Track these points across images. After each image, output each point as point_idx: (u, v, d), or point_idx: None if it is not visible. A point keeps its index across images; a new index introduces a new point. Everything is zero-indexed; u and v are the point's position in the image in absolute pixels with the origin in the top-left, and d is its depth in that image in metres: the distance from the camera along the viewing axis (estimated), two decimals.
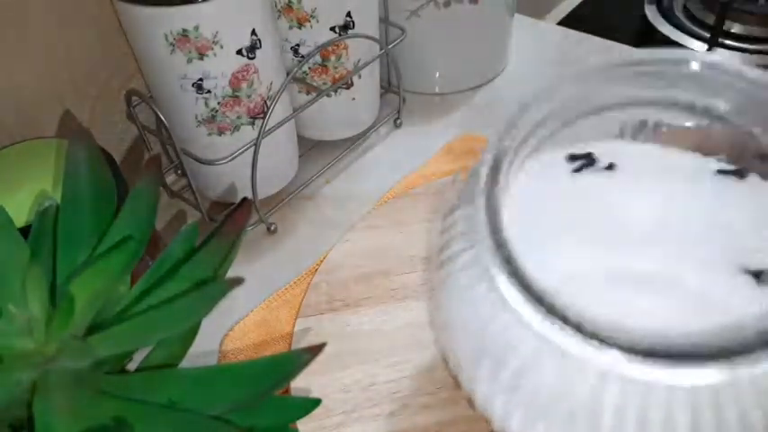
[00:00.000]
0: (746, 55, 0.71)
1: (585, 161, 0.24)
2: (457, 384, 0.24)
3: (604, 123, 0.23)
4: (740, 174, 0.21)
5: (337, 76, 0.45)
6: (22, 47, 0.35)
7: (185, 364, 0.26)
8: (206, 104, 0.38)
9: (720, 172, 0.22)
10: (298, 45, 0.43)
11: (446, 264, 0.22)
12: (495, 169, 0.20)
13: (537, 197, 0.23)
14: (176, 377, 0.24)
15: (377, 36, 0.46)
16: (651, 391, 0.18)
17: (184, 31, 0.34)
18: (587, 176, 0.24)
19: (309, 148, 0.50)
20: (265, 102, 0.40)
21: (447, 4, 0.48)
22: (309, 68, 0.45)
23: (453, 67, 0.53)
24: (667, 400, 0.18)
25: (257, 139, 0.39)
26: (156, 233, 0.38)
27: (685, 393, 0.18)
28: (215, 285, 0.22)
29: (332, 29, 0.42)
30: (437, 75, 0.53)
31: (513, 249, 0.19)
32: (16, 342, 0.23)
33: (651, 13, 0.78)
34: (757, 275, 0.19)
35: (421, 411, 0.31)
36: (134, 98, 0.40)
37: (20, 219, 0.29)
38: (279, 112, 0.41)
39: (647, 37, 0.77)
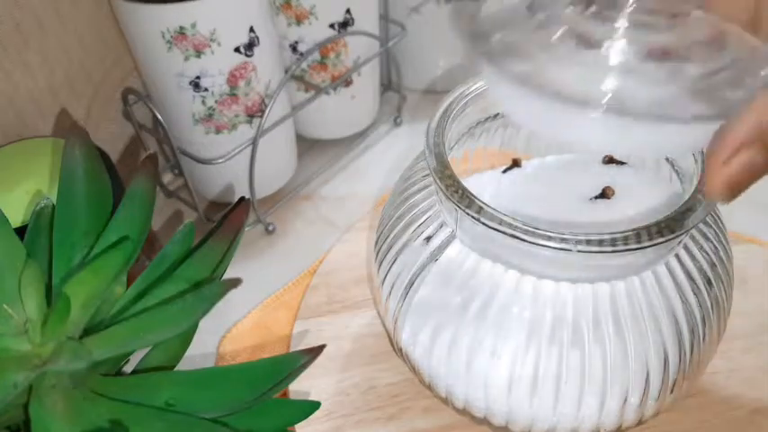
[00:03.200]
0: None
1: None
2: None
3: None
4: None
5: (336, 73, 0.45)
6: (19, 45, 0.35)
7: (182, 366, 0.26)
8: (203, 103, 0.38)
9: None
10: (296, 42, 0.43)
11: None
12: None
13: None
14: (173, 379, 0.24)
15: (377, 33, 0.45)
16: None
17: (181, 28, 0.34)
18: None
19: (308, 147, 0.49)
20: (263, 100, 0.40)
21: (448, 1, 0.48)
22: (308, 66, 0.44)
23: (454, 64, 0.53)
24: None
25: (255, 137, 0.39)
26: (153, 233, 0.38)
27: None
28: (212, 286, 0.22)
29: (331, 26, 0.42)
30: (438, 72, 0.53)
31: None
32: (12, 343, 0.23)
33: None
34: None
35: (421, 415, 0.31)
36: (131, 96, 0.40)
37: (16, 218, 0.29)
38: (277, 110, 0.41)
39: None
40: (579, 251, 0.21)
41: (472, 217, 0.23)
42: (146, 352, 0.26)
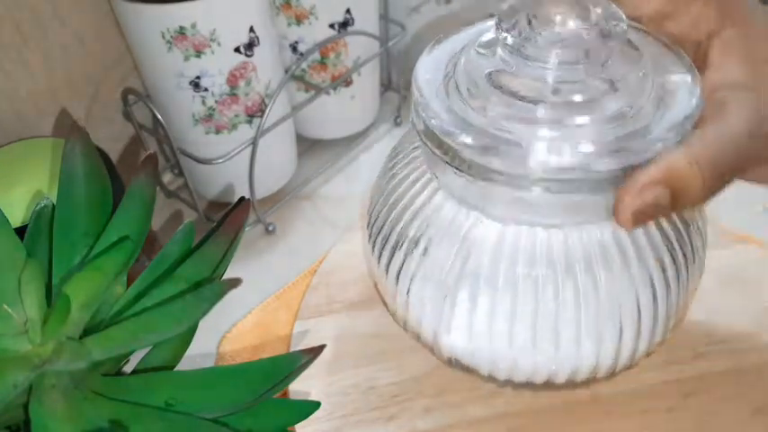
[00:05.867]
0: None
1: None
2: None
3: None
4: None
5: (336, 73, 0.45)
6: (19, 45, 0.35)
7: (183, 366, 0.26)
8: (203, 103, 0.38)
9: None
10: (296, 42, 0.43)
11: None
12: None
13: None
14: (173, 379, 0.24)
15: (377, 33, 0.45)
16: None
17: (181, 28, 0.34)
18: None
19: (308, 146, 0.49)
20: (263, 100, 0.40)
21: (448, 1, 0.48)
22: (308, 66, 0.44)
23: None
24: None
25: (255, 137, 0.39)
26: (153, 233, 0.38)
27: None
28: (212, 286, 0.22)
29: (331, 26, 0.42)
30: None
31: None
32: (12, 343, 0.23)
33: None
34: None
35: (421, 415, 0.31)
36: (131, 97, 0.40)
37: (16, 218, 0.29)
38: (277, 110, 0.41)
39: None
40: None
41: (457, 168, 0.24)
42: (146, 352, 0.26)
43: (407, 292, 0.28)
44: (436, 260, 0.27)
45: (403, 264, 0.28)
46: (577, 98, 0.23)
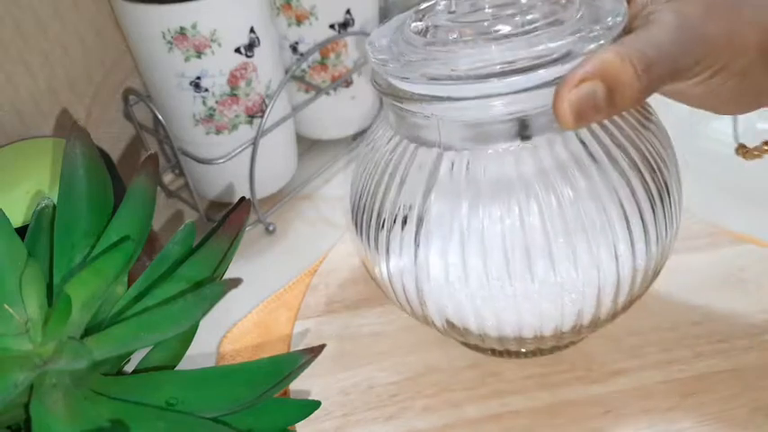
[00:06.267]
0: None
1: None
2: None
3: None
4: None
5: (336, 74, 0.45)
6: (19, 45, 0.35)
7: (183, 365, 0.26)
8: (204, 103, 0.38)
9: None
10: (297, 43, 0.43)
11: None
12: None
13: None
14: (174, 379, 0.24)
15: None
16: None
17: (182, 28, 0.34)
18: None
19: (308, 147, 0.50)
20: (264, 100, 0.40)
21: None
22: (308, 67, 0.44)
23: None
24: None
25: (255, 138, 0.39)
26: (154, 233, 0.38)
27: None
28: (213, 286, 0.22)
29: (331, 26, 0.42)
30: None
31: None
32: (13, 343, 0.23)
33: None
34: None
35: (421, 414, 0.31)
36: (131, 97, 0.40)
37: (17, 219, 0.29)
38: (277, 110, 0.41)
39: None
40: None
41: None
42: (146, 352, 0.26)
43: (387, 256, 0.28)
44: (411, 212, 0.27)
45: (383, 226, 0.28)
46: (512, 20, 0.25)
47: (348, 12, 0.42)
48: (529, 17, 0.25)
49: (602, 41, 0.23)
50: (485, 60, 0.23)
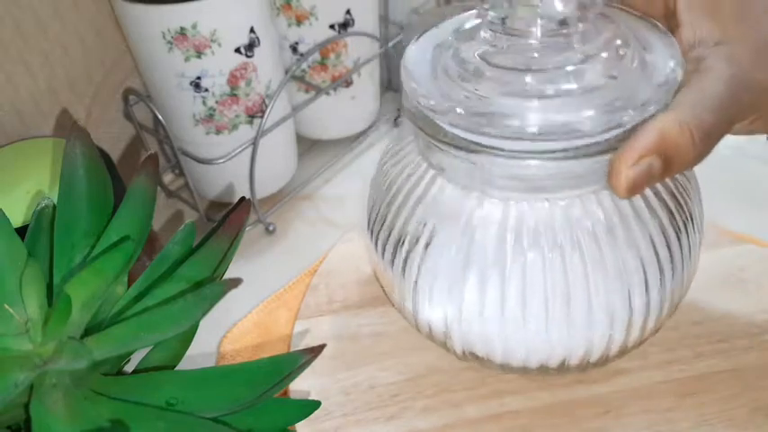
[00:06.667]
0: None
1: None
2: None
3: None
4: None
5: (336, 74, 0.45)
6: (19, 45, 0.35)
7: (183, 365, 0.26)
8: (204, 103, 0.38)
9: None
10: (297, 43, 0.43)
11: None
12: None
13: None
14: (174, 379, 0.24)
15: (377, 34, 0.45)
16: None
17: (182, 29, 0.34)
18: None
19: (308, 147, 0.50)
20: (264, 100, 0.40)
21: (448, 1, 0.48)
22: (308, 67, 0.44)
23: None
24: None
25: (255, 138, 0.39)
26: (154, 233, 0.38)
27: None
28: (213, 286, 0.22)
29: (331, 27, 0.42)
30: None
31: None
32: (13, 343, 0.23)
33: None
34: None
35: (421, 414, 0.31)
36: (131, 97, 0.40)
37: (17, 219, 0.29)
38: (277, 110, 0.41)
39: None
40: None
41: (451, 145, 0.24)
42: (146, 352, 0.26)
43: (415, 286, 0.28)
44: (442, 249, 0.27)
45: (407, 257, 0.28)
46: (563, 68, 0.23)
47: (348, 12, 0.42)
48: (581, 62, 0.23)
49: (654, 112, 0.22)
50: (539, 120, 0.22)
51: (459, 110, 0.23)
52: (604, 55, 0.24)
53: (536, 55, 0.24)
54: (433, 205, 0.27)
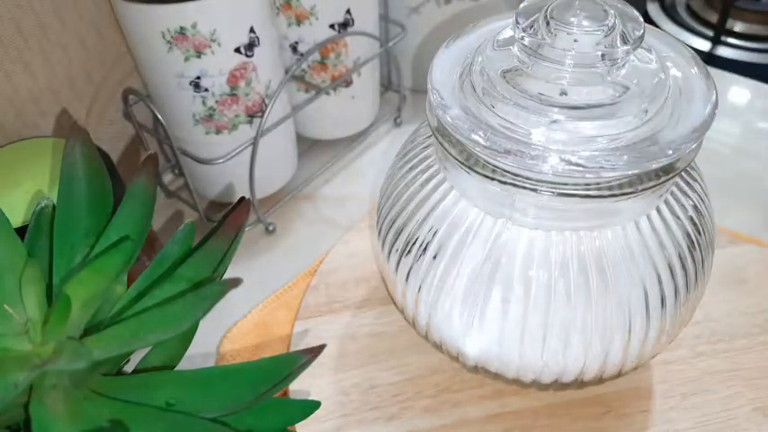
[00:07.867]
0: (749, 53, 0.70)
1: None
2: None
3: None
4: None
5: (336, 74, 0.45)
6: (19, 45, 0.35)
7: (183, 366, 0.26)
8: (203, 103, 0.38)
9: None
10: (296, 43, 0.43)
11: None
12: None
13: None
14: (174, 379, 0.24)
15: (377, 34, 0.45)
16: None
17: (182, 28, 0.34)
18: None
19: (308, 147, 0.50)
20: (264, 100, 0.40)
21: (447, 1, 0.48)
22: (308, 66, 0.44)
23: None
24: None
25: (255, 137, 0.39)
26: (153, 233, 0.38)
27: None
28: (213, 286, 0.22)
29: (331, 26, 0.42)
30: None
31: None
32: (12, 343, 0.23)
33: (654, 10, 0.78)
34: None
35: (421, 414, 0.31)
36: (131, 97, 0.40)
37: (16, 219, 0.29)
38: (277, 110, 0.41)
39: None
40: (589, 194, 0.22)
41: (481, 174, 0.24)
42: (146, 352, 0.26)
43: (436, 303, 0.28)
44: (463, 267, 0.26)
45: (427, 273, 0.27)
46: (592, 101, 0.23)
47: (348, 12, 0.42)
48: (612, 98, 0.23)
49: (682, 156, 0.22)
50: (560, 157, 0.22)
51: (476, 136, 0.23)
52: (636, 91, 0.23)
53: (566, 83, 0.23)
54: (455, 219, 0.26)
